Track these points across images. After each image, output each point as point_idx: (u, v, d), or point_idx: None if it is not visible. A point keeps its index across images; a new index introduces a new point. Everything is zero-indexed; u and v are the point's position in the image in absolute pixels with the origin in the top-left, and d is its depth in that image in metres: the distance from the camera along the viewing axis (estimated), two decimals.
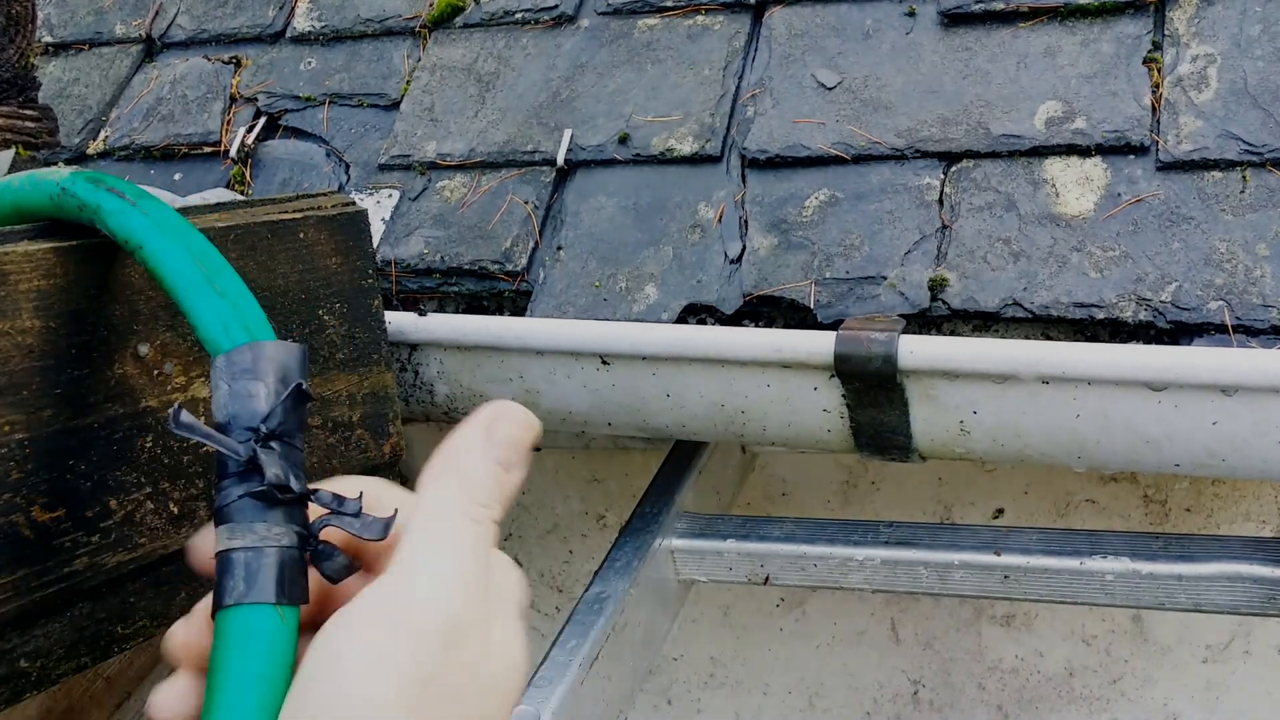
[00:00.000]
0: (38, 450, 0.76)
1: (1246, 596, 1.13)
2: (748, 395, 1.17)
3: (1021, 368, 1.05)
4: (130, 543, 0.82)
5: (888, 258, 1.21)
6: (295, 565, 0.57)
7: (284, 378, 0.62)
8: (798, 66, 1.39)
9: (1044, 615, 1.83)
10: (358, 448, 1.01)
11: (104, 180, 0.75)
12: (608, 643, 1.16)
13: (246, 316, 0.66)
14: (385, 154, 1.49)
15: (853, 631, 1.94)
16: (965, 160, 1.26)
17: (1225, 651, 1.76)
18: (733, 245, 1.28)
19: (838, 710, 2.00)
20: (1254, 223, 1.12)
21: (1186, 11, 1.27)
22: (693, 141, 1.36)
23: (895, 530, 1.27)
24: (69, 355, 0.78)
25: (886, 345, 1.08)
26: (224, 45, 1.71)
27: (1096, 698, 1.85)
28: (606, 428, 1.27)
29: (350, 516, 0.59)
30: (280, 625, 0.55)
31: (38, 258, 0.76)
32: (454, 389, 1.29)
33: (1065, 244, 1.16)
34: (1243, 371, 0.99)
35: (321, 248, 0.99)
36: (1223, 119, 1.19)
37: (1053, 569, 1.19)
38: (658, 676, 2.08)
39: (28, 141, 1.22)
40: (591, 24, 1.53)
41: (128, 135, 1.63)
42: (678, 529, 1.34)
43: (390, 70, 1.58)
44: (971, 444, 1.13)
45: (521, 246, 1.34)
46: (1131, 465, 1.10)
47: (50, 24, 1.82)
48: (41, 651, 0.78)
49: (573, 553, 2.05)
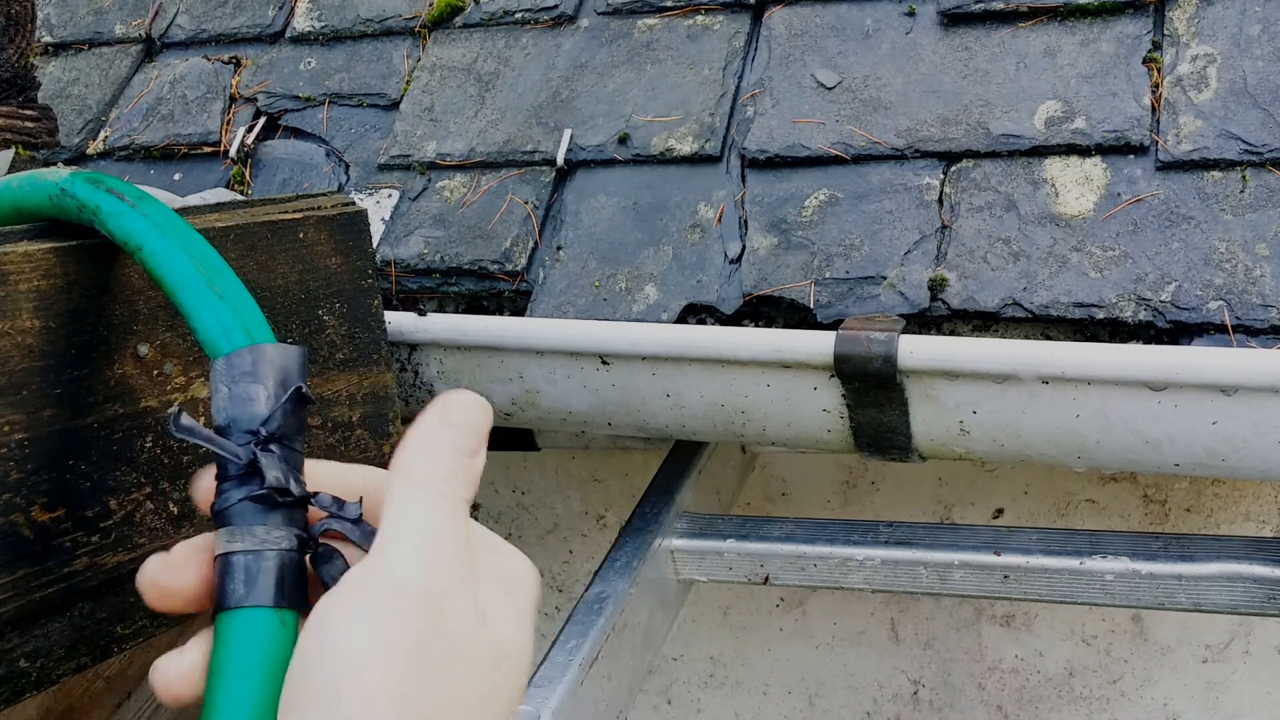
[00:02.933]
0: (38, 450, 0.76)
1: (1246, 596, 1.13)
2: (748, 395, 1.17)
3: (1021, 368, 1.05)
4: (130, 543, 0.82)
5: (887, 258, 1.21)
6: (295, 568, 0.57)
7: (284, 380, 0.62)
8: (797, 66, 1.39)
9: (1044, 615, 1.83)
10: (358, 448, 1.01)
11: (103, 181, 0.75)
12: (608, 643, 1.16)
13: (246, 319, 0.66)
14: (385, 154, 1.49)
15: (853, 631, 1.94)
16: (965, 160, 1.26)
17: (1225, 651, 1.76)
18: (732, 245, 1.28)
19: (838, 710, 2.00)
20: (1254, 222, 1.12)
21: (1186, 11, 1.27)
22: (692, 141, 1.36)
23: (895, 530, 1.27)
24: (69, 355, 0.78)
25: (886, 345, 1.08)
26: (224, 45, 1.71)
27: (1096, 698, 1.85)
28: (606, 428, 1.27)
29: (350, 522, 0.59)
30: (280, 629, 0.55)
31: (38, 258, 0.76)
32: (454, 389, 1.28)
33: (1065, 244, 1.16)
34: (1243, 371, 0.99)
35: (321, 248, 0.98)
36: (1222, 119, 1.19)
37: (1053, 569, 1.19)
38: (658, 676, 2.08)
39: (28, 141, 1.22)
40: (591, 24, 1.53)
41: (127, 135, 1.63)
42: (678, 529, 1.34)
43: (390, 70, 1.58)
44: (971, 444, 1.13)
45: (521, 246, 1.34)
46: (1131, 465, 1.10)
47: (50, 24, 1.82)
48: (41, 651, 0.78)
49: (573, 553, 2.05)
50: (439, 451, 0.57)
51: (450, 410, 0.59)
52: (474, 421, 0.60)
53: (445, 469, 0.57)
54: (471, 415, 0.60)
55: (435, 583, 0.52)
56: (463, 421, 0.59)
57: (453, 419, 0.59)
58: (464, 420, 0.59)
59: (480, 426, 0.60)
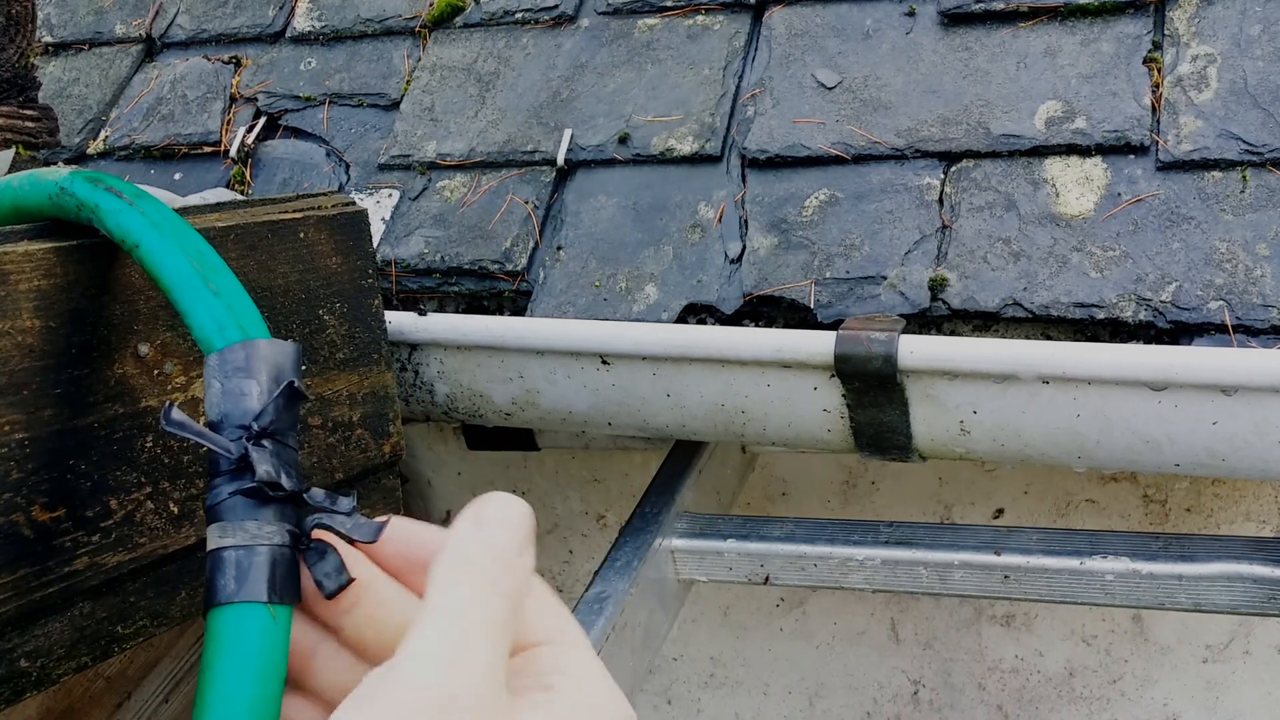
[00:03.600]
0: (38, 450, 0.76)
1: (1246, 596, 1.13)
2: (748, 395, 1.17)
3: (1022, 368, 1.05)
4: (130, 542, 0.82)
5: (888, 257, 1.21)
6: (287, 564, 0.57)
7: (277, 376, 0.62)
8: (798, 66, 1.39)
9: (1044, 615, 1.83)
10: (358, 448, 1.01)
11: (102, 180, 0.75)
12: (608, 643, 1.16)
13: (241, 315, 0.66)
14: (385, 154, 1.49)
15: (853, 631, 1.94)
16: (965, 160, 1.26)
17: (1225, 651, 1.75)
18: (733, 245, 1.27)
19: (838, 710, 2.00)
20: (1254, 222, 1.12)
21: (1186, 11, 1.27)
22: (693, 141, 1.36)
23: (895, 530, 1.27)
24: (69, 355, 0.78)
25: (886, 345, 1.08)
26: (224, 45, 1.70)
27: (1096, 698, 1.85)
28: (607, 428, 1.26)
29: (343, 515, 0.58)
30: (272, 624, 0.55)
31: (38, 257, 0.76)
32: (454, 389, 1.29)
33: (1065, 244, 1.16)
34: (1243, 371, 0.99)
35: (322, 248, 0.99)
36: (1223, 119, 1.18)
37: (1053, 569, 1.18)
38: (658, 676, 2.08)
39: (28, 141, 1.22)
40: (591, 24, 1.52)
41: (128, 135, 1.63)
42: (678, 529, 1.34)
43: (390, 70, 1.58)
44: (972, 444, 1.13)
45: (521, 246, 1.34)
46: (1132, 465, 1.10)
47: (50, 24, 1.82)
48: (41, 651, 0.78)
49: (573, 553, 2.05)
50: (476, 549, 0.51)
51: (485, 509, 0.53)
52: (511, 518, 0.53)
53: (482, 572, 0.50)
54: (507, 512, 0.53)
55: (444, 702, 0.45)
56: (499, 518, 0.53)
57: (488, 516, 0.53)
58: (500, 517, 0.53)
59: (517, 522, 0.53)
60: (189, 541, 0.86)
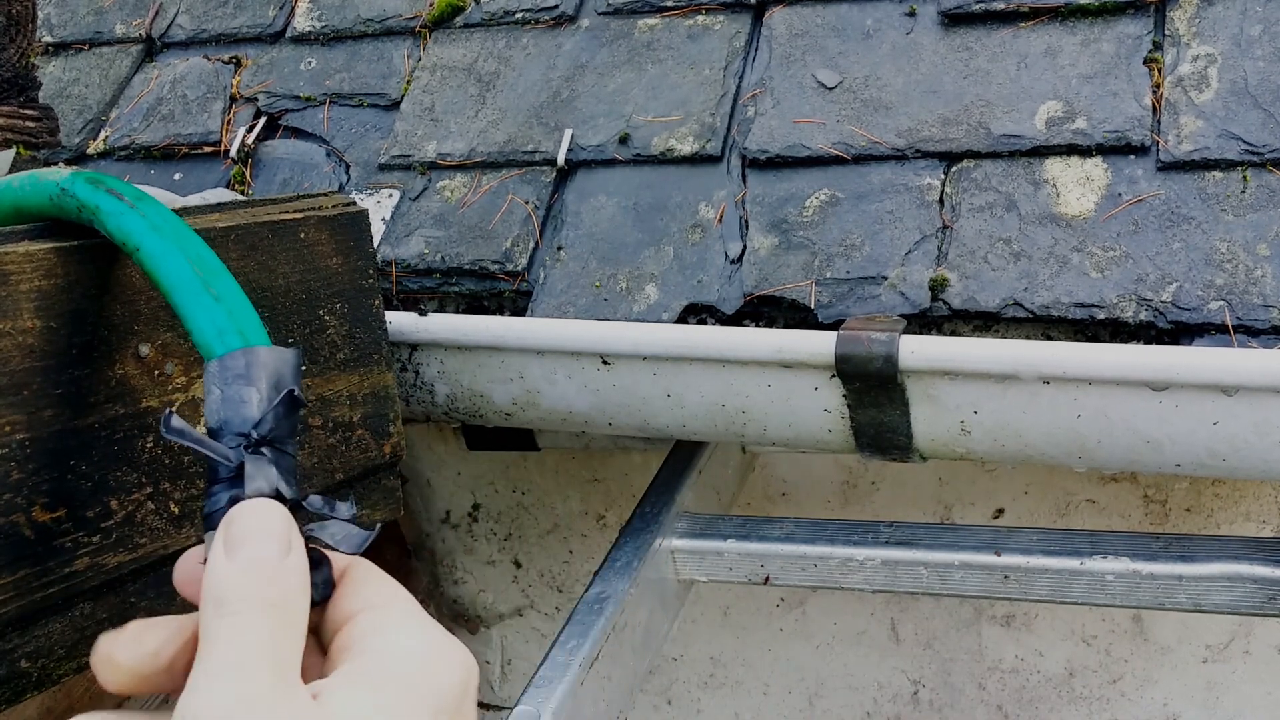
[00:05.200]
0: (38, 450, 0.76)
1: (1246, 596, 1.13)
2: (748, 395, 1.17)
3: (1022, 368, 1.05)
4: (131, 543, 0.82)
5: (888, 258, 1.21)
6: None
7: (277, 383, 0.62)
8: (798, 66, 1.39)
9: (1044, 615, 1.83)
10: (358, 448, 1.01)
11: (103, 181, 0.75)
12: (608, 643, 1.16)
13: (241, 321, 0.66)
14: (385, 154, 1.49)
15: (853, 631, 1.94)
16: (966, 160, 1.26)
17: (1225, 651, 1.76)
18: (733, 245, 1.27)
19: (838, 710, 2.00)
20: (1254, 223, 1.12)
21: (1187, 11, 1.27)
22: (693, 141, 1.36)
23: (895, 530, 1.27)
24: (70, 355, 0.78)
25: (887, 345, 1.08)
26: (224, 45, 1.70)
27: (1096, 698, 1.85)
28: (607, 428, 1.26)
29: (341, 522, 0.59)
30: None
31: (38, 258, 0.76)
32: (454, 389, 1.29)
33: (1066, 244, 1.16)
34: (1244, 371, 0.99)
35: (322, 248, 0.98)
36: (1223, 119, 1.18)
37: (1053, 569, 1.19)
38: (658, 676, 2.08)
39: (28, 141, 1.22)
40: (592, 24, 1.52)
41: (128, 135, 1.63)
42: (678, 529, 1.34)
43: (390, 70, 1.58)
44: (972, 444, 1.13)
45: (522, 246, 1.34)
46: (1132, 465, 1.10)
47: (50, 24, 1.82)
48: (42, 651, 0.78)
49: (573, 553, 2.05)
50: (232, 580, 0.53)
51: (232, 528, 0.55)
52: (264, 524, 0.55)
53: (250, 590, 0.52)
54: (259, 519, 0.55)
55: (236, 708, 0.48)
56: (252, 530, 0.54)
57: (233, 533, 0.54)
58: (240, 530, 0.54)
59: (272, 525, 0.55)
60: (189, 542, 0.86)
